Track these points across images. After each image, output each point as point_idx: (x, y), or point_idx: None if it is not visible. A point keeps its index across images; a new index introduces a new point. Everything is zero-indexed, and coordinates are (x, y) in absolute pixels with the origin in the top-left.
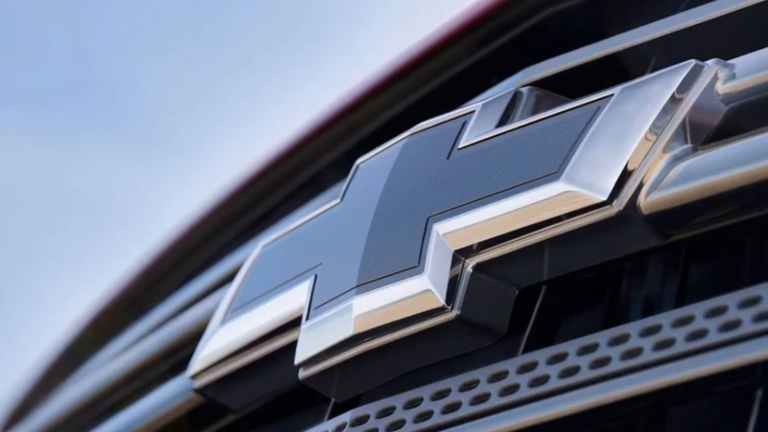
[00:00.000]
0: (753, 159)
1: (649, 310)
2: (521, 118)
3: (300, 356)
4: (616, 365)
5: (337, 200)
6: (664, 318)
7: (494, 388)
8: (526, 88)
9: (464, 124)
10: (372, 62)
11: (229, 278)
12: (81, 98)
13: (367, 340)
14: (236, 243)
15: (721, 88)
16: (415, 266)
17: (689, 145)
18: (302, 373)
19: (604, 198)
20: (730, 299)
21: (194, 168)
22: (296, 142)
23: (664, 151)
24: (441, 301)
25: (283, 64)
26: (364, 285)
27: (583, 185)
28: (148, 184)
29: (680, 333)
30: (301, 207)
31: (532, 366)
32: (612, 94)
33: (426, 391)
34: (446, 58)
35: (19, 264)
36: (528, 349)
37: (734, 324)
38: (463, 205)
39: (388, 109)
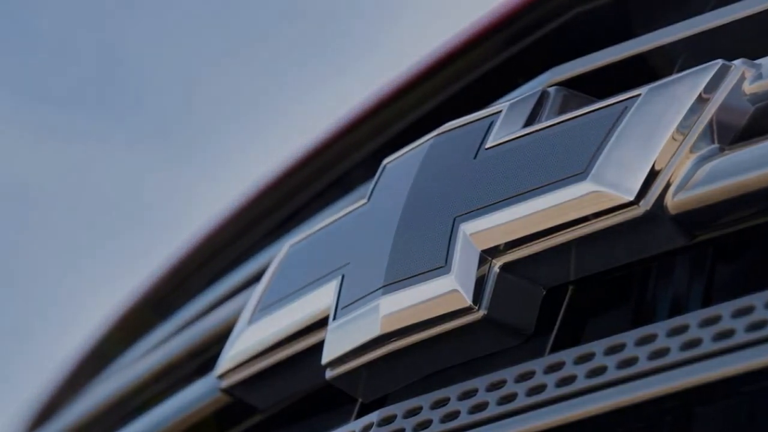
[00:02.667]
0: None
1: (676, 310)
2: (548, 118)
3: (327, 356)
4: (643, 365)
5: (364, 200)
6: (691, 318)
7: (521, 389)
8: (553, 88)
9: (491, 124)
10: (399, 62)
11: (256, 278)
12: (108, 99)
13: (394, 340)
14: (263, 243)
15: (748, 88)
16: (442, 266)
17: (716, 145)
18: (329, 373)
19: (631, 198)
20: (758, 299)
21: (221, 168)
22: (323, 141)
23: (691, 151)
24: (468, 301)
25: (309, 63)
26: (391, 285)
27: (610, 185)
28: (175, 184)
29: (707, 333)
30: (328, 207)
31: (558, 366)
32: (639, 94)
33: (453, 392)
34: (473, 58)
35: (47, 264)
36: (555, 349)
37: (761, 324)
38: (489, 205)
39: (415, 109)
